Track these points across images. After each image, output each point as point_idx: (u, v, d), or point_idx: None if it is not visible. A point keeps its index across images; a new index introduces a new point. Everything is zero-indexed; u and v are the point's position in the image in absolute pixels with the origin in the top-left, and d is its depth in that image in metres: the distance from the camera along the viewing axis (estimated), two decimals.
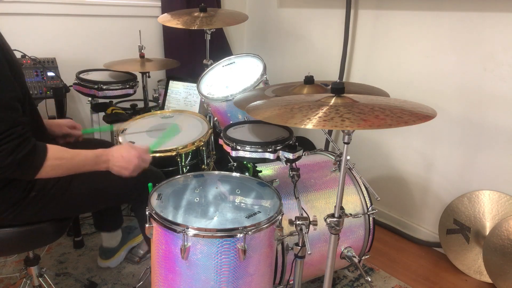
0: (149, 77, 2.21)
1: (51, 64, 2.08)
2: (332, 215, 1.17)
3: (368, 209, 1.63)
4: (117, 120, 2.03)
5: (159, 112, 1.99)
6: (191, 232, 1.10)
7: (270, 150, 1.34)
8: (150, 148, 1.45)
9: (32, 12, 2.20)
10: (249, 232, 1.13)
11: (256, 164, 1.63)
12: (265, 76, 1.76)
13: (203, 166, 1.81)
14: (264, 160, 1.36)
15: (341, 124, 0.95)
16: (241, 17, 2.20)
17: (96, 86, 2.00)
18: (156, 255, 1.21)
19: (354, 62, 2.37)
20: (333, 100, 1.08)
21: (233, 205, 1.26)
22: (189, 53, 2.73)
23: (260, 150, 1.34)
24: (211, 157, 1.93)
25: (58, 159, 1.18)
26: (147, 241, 1.46)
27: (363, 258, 1.69)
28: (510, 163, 1.82)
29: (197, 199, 1.28)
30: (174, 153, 1.63)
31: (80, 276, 1.81)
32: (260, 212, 1.22)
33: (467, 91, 1.90)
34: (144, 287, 1.67)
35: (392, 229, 2.32)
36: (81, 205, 1.38)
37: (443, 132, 2.02)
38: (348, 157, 1.18)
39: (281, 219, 1.23)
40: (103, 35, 2.48)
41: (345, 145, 1.09)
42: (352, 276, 1.90)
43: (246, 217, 1.19)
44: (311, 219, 1.28)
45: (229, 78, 1.86)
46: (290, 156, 1.34)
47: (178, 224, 1.12)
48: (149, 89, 2.34)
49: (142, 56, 2.19)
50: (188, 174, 1.44)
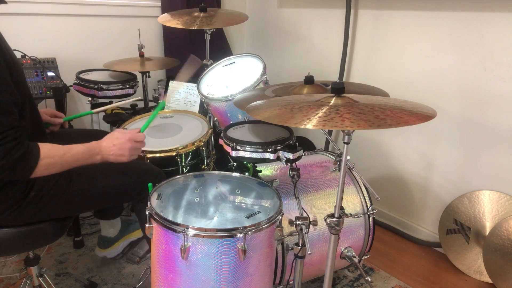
0: (149, 77, 2.21)
1: (51, 64, 2.08)
2: (332, 215, 1.17)
3: (368, 209, 1.63)
4: (117, 120, 2.03)
5: (159, 112, 1.99)
6: (191, 232, 1.10)
7: (270, 150, 1.34)
8: (142, 128, 1.44)
9: (32, 12, 2.20)
10: (249, 232, 1.13)
11: (256, 164, 1.62)
12: (265, 76, 1.76)
13: (203, 166, 1.81)
14: (264, 160, 1.36)
15: (341, 124, 0.95)
16: (241, 17, 2.20)
17: (96, 86, 2.01)
18: (156, 255, 1.21)
19: (354, 62, 2.37)
20: (333, 100, 1.08)
21: (233, 205, 1.26)
22: (189, 53, 2.73)
23: (260, 150, 1.34)
24: (211, 157, 1.93)
25: (50, 157, 1.18)
26: (148, 241, 1.46)
27: (363, 258, 1.69)
28: (510, 163, 1.82)
29: (197, 199, 1.28)
30: (174, 153, 1.63)
31: (80, 276, 1.81)
32: (260, 212, 1.22)
33: (467, 91, 1.90)
34: (144, 287, 1.67)
35: (392, 229, 2.32)
36: (81, 205, 1.38)
37: (443, 132, 2.02)
38: (348, 157, 1.18)
39: (281, 219, 1.23)
40: (103, 35, 2.48)
41: (345, 145, 1.09)
42: (352, 276, 1.90)
43: (246, 217, 1.19)
44: (311, 219, 1.28)
45: (229, 78, 1.86)
46: (290, 156, 1.34)
47: (178, 224, 1.12)
48: (149, 89, 2.34)
49: (142, 55, 2.19)
50: (188, 174, 1.44)
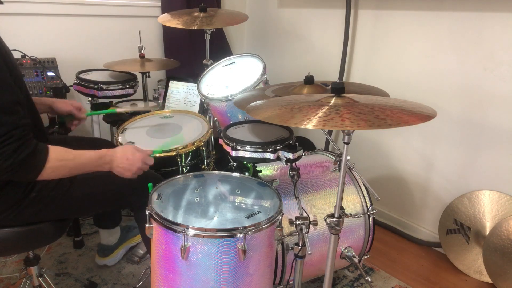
0: (149, 77, 2.21)
1: (51, 64, 2.08)
2: (332, 215, 1.17)
3: (368, 209, 1.63)
4: (117, 120, 2.03)
5: (159, 112, 1.99)
6: (191, 232, 1.10)
7: (270, 150, 1.34)
8: (153, 152, 1.46)
9: (32, 12, 2.20)
10: (249, 232, 1.13)
11: (256, 164, 1.62)
12: (265, 76, 1.76)
13: (203, 166, 1.81)
14: (264, 160, 1.36)
15: (341, 124, 0.95)
16: (241, 17, 2.19)
17: (96, 86, 2.00)
18: (156, 255, 1.21)
19: (354, 62, 2.37)
20: (333, 100, 1.08)
21: (233, 205, 1.26)
22: (189, 53, 2.73)
23: (260, 150, 1.34)
24: (211, 157, 1.94)
25: (60, 160, 1.18)
26: (146, 244, 1.46)
27: (363, 258, 1.69)
28: (510, 163, 1.82)
29: (197, 199, 1.28)
30: (174, 153, 1.63)
31: (80, 276, 1.81)
32: (260, 212, 1.21)
33: (467, 91, 1.90)
34: (144, 287, 1.67)
35: (392, 229, 2.32)
36: (81, 208, 1.38)
37: (443, 132, 2.02)
38: (348, 157, 1.18)
39: (281, 219, 1.23)
40: (103, 35, 2.48)
41: (345, 145, 1.09)
42: (352, 276, 1.90)
43: (246, 217, 1.19)
44: (311, 219, 1.28)
45: (229, 78, 1.86)
46: (290, 156, 1.34)
47: (178, 224, 1.12)
48: (149, 89, 2.34)
49: (142, 57, 2.19)
50: (188, 174, 1.44)
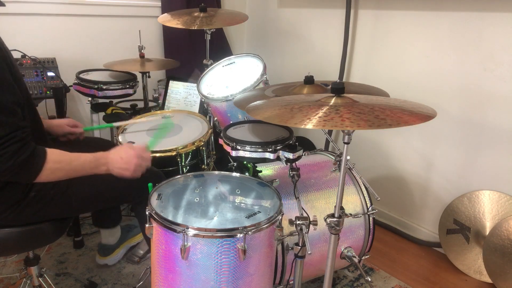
0: (149, 77, 2.21)
1: (51, 64, 2.08)
2: (332, 215, 1.17)
3: (368, 209, 1.63)
4: (117, 121, 2.03)
5: (159, 112, 1.99)
6: (191, 232, 1.10)
7: (270, 150, 1.34)
8: (148, 146, 1.45)
9: (32, 12, 2.20)
10: (249, 232, 1.13)
11: (256, 164, 1.62)
12: (265, 76, 1.76)
13: (203, 166, 1.81)
14: (264, 160, 1.36)
15: (341, 124, 0.95)
16: (241, 17, 2.20)
17: (96, 86, 2.01)
18: (156, 255, 1.21)
19: (354, 62, 2.37)
20: (333, 100, 1.08)
21: (233, 205, 1.26)
22: (189, 53, 2.73)
23: (260, 150, 1.34)
24: (211, 157, 1.94)
25: (57, 163, 1.18)
26: (148, 241, 1.46)
27: (363, 258, 1.69)
28: (510, 163, 1.82)
29: (197, 199, 1.28)
30: (174, 153, 1.63)
31: (80, 276, 1.81)
32: (260, 212, 1.21)
33: (467, 91, 1.90)
34: (144, 287, 1.67)
35: (392, 229, 2.32)
36: (81, 206, 1.38)
37: (443, 132, 2.02)
38: (348, 157, 1.18)
39: (281, 219, 1.23)
40: (103, 35, 2.48)
41: (345, 145, 1.09)
42: (352, 276, 1.90)
43: (246, 217, 1.19)
44: (311, 219, 1.28)
45: (229, 78, 1.86)
46: (290, 156, 1.34)
47: (178, 224, 1.12)
48: (149, 89, 2.34)
49: (142, 56, 2.19)
50: (188, 174, 1.44)
